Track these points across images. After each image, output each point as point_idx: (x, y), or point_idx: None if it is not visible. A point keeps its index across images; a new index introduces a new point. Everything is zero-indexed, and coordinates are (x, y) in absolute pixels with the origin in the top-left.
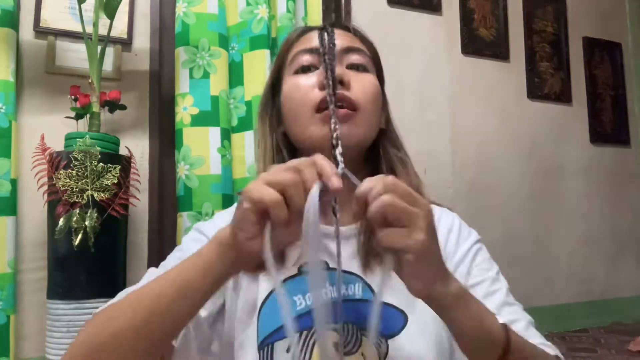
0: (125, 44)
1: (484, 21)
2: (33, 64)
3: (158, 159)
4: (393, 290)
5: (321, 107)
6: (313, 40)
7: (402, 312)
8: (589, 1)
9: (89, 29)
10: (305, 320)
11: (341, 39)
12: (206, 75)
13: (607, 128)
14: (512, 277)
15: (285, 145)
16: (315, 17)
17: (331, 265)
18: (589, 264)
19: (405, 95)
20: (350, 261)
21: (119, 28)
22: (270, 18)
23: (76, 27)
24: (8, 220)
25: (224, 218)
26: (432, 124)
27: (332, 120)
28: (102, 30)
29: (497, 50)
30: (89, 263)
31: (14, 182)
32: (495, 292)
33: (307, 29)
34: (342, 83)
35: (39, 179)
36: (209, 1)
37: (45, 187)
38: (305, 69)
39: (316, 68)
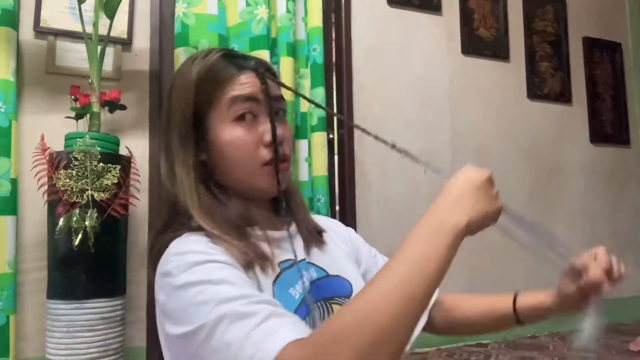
0: (125, 44)
1: (484, 21)
2: (33, 63)
3: (158, 159)
4: (334, 266)
5: (268, 163)
6: (247, 84)
7: (346, 279)
8: (589, 1)
9: (89, 29)
10: (305, 304)
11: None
12: None
13: (607, 128)
14: (513, 277)
15: (210, 178)
16: (315, 17)
17: (296, 260)
18: None
19: (405, 95)
20: (302, 253)
21: (119, 28)
22: (270, 18)
23: (76, 27)
24: (8, 220)
25: (198, 241)
26: (432, 123)
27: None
28: (102, 30)
29: (497, 50)
30: (89, 263)
31: (14, 182)
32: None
33: (237, 68)
34: (281, 143)
35: (39, 179)
36: (209, 2)
37: (45, 187)
38: (242, 117)
39: (251, 115)
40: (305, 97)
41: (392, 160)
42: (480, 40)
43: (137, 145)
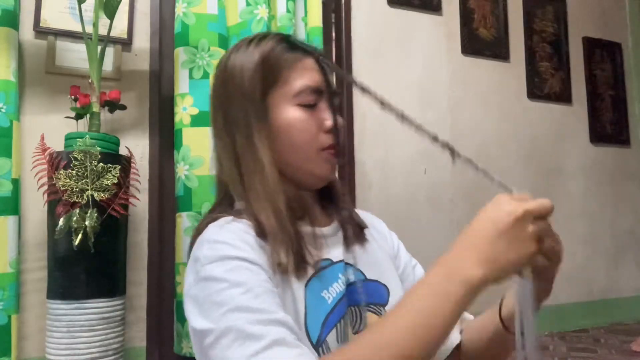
0: (125, 44)
1: (484, 21)
2: (33, 64)
3: (158, 159)
4: (373, 269)
5: (325, 149)
6: (314, 72)
7: (384, 285)
8: (589, 1)
9: (89, 29)
10: (339, 309)
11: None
12: (206, 75)
13: (607, 128)
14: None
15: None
16: (315, 17)
17: (334, 260)
18: (589, 264)
19: (405, 95)
20: (342, 252)
21: (119, 28)
22: (270, 18)
23: (76, 27)
24: (9, 220)
25: (233, 231)
26: (432, 124)
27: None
28: (102, 30)
29: (497, 50)
30: (89, 263)
31: (15, 182)
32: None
33: (301, 51)
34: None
35: (39, 179)
36: (209, 1)
37: (45, 187)
38: (310, 106)
39: (315, 105)
40: (362, 87)
41: (392, 161)
42: (480, 40)
43: (137, 145)
